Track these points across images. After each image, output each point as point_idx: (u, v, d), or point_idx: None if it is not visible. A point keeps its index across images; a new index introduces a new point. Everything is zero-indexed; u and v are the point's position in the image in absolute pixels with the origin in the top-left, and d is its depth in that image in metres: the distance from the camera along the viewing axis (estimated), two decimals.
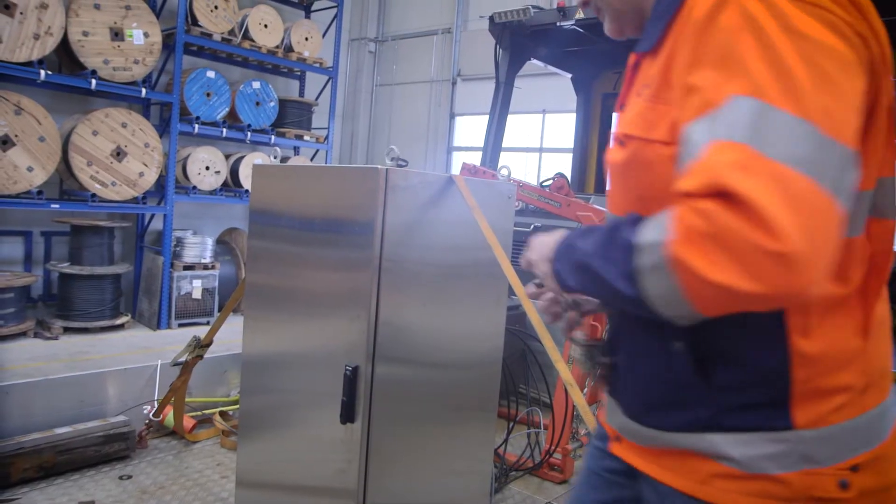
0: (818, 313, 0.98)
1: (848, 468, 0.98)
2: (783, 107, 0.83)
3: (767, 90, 0.84)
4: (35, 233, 5.84)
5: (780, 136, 0.82)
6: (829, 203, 0.82)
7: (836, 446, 0.98)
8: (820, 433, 0.98)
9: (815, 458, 0.97)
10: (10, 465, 3.20)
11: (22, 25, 4.89)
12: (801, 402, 0.98)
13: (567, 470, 3.75)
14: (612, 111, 7.03)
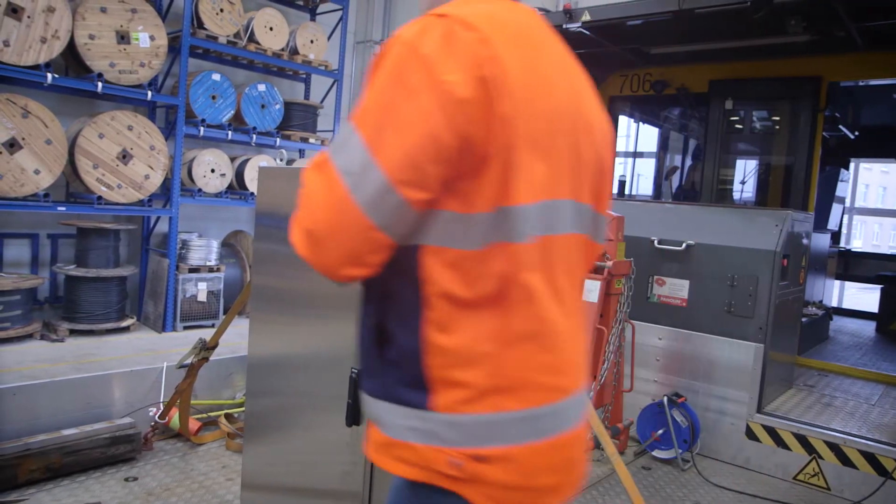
0: (451, 313, 1.12)
1: (470, 455, 1.11)
2: (359, 132, 1.09)
3: (359, 118, 1.10)
4: (42, 235, 5.86)
5: (347, 152, 1.09)
6: (355, 210, 1.07)
7: (460, 433, 1.12)
8: (448, 418, 1.12)
9: (441, 437, 1.12)
10: (18, 466, 3.20)
11: (29, 29, 4.91)
12: (436, 387, 1.13)
13: None
14: (619, 113, 7.02)
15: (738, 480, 4.01)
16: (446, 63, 1.05)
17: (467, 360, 1.13)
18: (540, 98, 1.13)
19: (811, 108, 5.76)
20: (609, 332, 3.95)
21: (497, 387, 1.13)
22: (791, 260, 4.47)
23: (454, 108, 1.05)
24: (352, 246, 1.09)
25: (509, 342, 1.13)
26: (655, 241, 4.60)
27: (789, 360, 4.89)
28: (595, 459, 4.12)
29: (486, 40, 1.07)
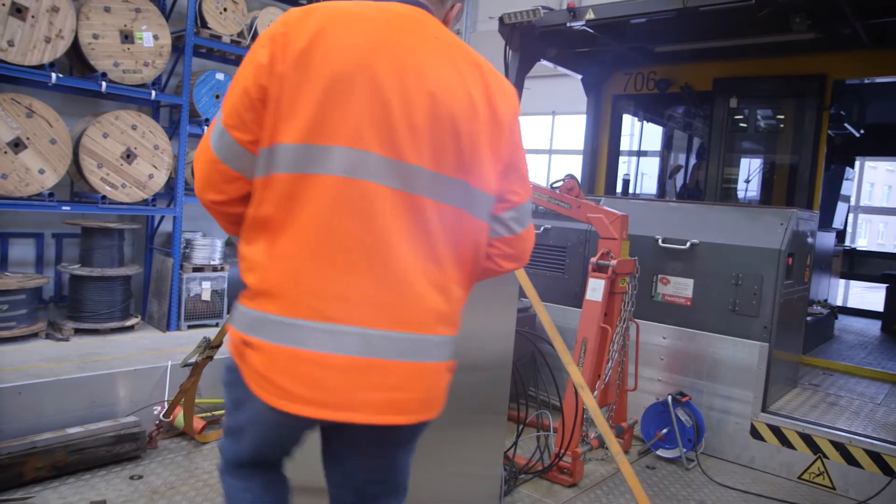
0: (250, 229, 1.52)
1: (244, 339, 1.48)
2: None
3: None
4: (46, 235, 5.87)
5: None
6: (207, 149, 1.53)
7: (242, 321, 1.50)
8: (241, 308, 1.52)
9: (237, 322, 1.52)
10: (24, 464, 3.21)
11: (33, 29, 4.92)
12: (243, 285, 1.54)
13: (577, 473, 3.73)
14: (622, 112, 7.01)
15: (743, 479, 4.00)
16: (262, 42, 1.47)
17: (251, 267, 1.50)
18: (325, 64, 1.42)
19: (816, 106, 5.73)
20: (613, 331, 3.94)
21: (264, 291, 1.46)
22: (796, 259, 4.46)
23: (256, 70, 1.45)
24: (207, 175, 1.54)
25: (274, 259, 1.46)
26: (660, 240, 4.59)
27: (794, 359, 4.88)
28: (599, 459, 4.12)
29: (285, 23, 1.46)
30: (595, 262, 3.91)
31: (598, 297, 3.86)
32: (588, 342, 3.84)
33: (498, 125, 1.58)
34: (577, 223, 4.67)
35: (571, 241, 5.04)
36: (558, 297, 4.95)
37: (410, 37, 1.50)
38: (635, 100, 6.96)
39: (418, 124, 1.45)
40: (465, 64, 1.57)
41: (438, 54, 1.53)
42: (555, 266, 5.13)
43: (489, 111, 1.56)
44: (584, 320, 3.89)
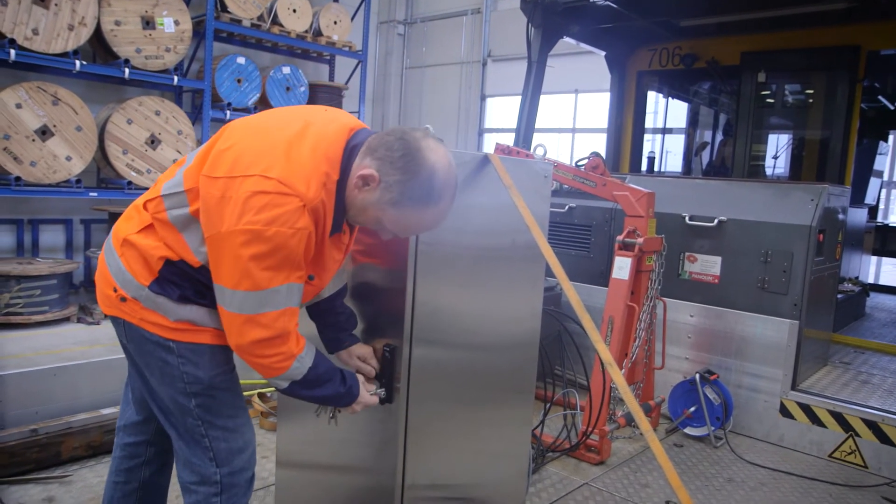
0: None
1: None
2: None
3: None
4: (75, 221, 5.97)
5: None
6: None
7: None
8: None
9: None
10: (61, 444, 3.29)
11: (57, 17, 4.96)
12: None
13: (604, 451, 3.73)
14: (647, 89, 6.90)
15: (772, 458, 3.96)
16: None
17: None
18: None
19: (849, 78, 5.58)
20: (640, 310, 3.90)
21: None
22: (827, 235, 4.37)
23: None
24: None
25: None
26: (686, 218, 4.52)
27: (824, 336, 4.80)
28: (626, 437, 4.11)
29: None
30: (621, 240, 3.87)
31: (624, 276, 3.83)
32: (615, 321, 3.81)
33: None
34: (602, 201, 4.62)
35: (596, 219, 4.99)
36: (584, 276, 4.92)
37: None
38: (660, 76, 6.83)
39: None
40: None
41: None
42: (580, 245, 5.09)
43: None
44: (610, 299, 3.86)
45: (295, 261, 1.64)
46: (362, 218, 1.77)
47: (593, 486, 3.46)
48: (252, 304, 1.63)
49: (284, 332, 1.69)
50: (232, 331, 1.68)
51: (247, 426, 1.96)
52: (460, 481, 2.51)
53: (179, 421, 1.87)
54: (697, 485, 3.55)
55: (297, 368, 1.77)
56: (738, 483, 3.61)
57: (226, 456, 1.89)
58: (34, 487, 3.09)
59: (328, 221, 1.71)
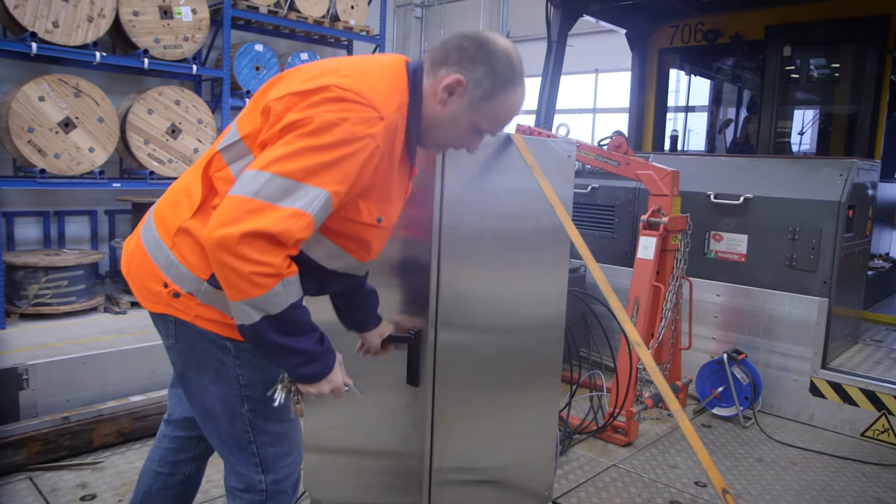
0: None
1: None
2: None
3: None
4: (99, 211, 6.03)
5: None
6: None
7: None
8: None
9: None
10: (92, 431, 3.35)
11: (76, 9, 4.98)
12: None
13: (631, 433, 3.70)
14: (669, 66, 6.78)
15: (803, 437, 3.91)
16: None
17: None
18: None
19: (878, 49, 5.42)
20: (666, 289, 3.86)
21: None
22: (857, 211, 4.28)
23: None
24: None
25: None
26: (712, 196, 4.45)
27: (855, 314, 4.72)
28: (653, 418, 4.08)
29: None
30: (646, 219, 3.82)
31: (649, 256, 3.78)
32: (640, 301, 3.77)
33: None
34: (625, 181, 4.57)
35: (620, 199, 4.93)
36: (607, 256, 4.87)
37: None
38: (682, 53, 6.70)
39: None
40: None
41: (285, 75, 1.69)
42: (604, 225, 5.03)
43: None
44: (635, 279, 3.82)
45: (346, 171, 1.46)
46: (454, 134, 1.70)
47: (621, 468, 3.44)
48: (273, 190, 1.41)
49: (285, 239, 1.41)
50: (227, 217, 1.40)
51: (295, 428, 1.84)
52: (488, 464, 2.51)
53: (225, 426, 1.74)
54: (727, 465, 3.51)
55: (279, 295, 1.45)
56: (769, 463, 3.57)
57: (272, 461, 1.77)
58: (68, 474, 3.15)
59: (398, 146, 1.63)
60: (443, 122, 1.68)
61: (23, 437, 3.15)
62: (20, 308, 4.65)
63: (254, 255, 1.39)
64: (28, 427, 3.21)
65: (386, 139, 1.54)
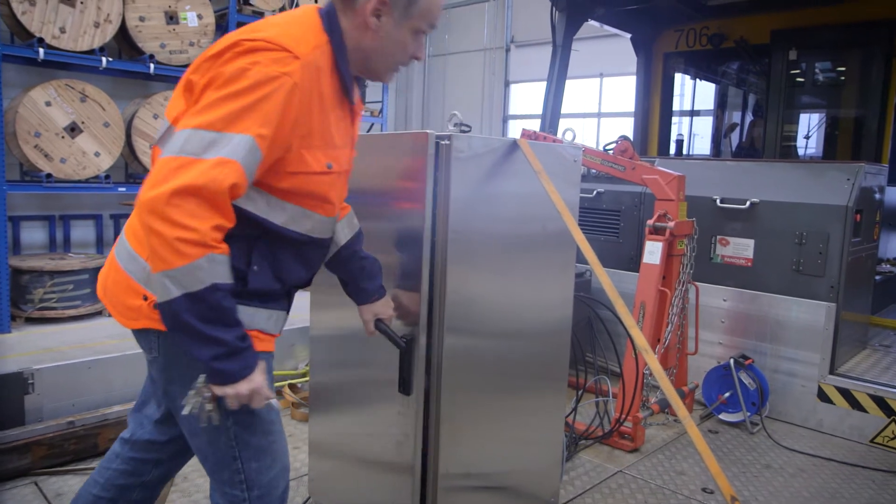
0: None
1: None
2: None
3: None
4: (105, 216, 6.04)
5: None
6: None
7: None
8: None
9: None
10: (97, 436, 3.35)
11: (83, 15, 5.00)
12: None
13: (638, 438, 3.68)
14: (674, 71, 6.77)
15: (811, 443, 3.88)
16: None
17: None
18: None
19: (885, 53, 5.41)
20: (672, 294, 3.84)
21: None
22: (864, 215, 4.26)
23: None
24: None
25: None
26: (718, 200, 4.43)
27: (863, 319, 4.68)
28: (660, 423, 4.05)
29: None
30: (652, 224, 3.80)
31: (655, 260, 3.76)
32: (647, 306, 3.75)
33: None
34: (631, 186, 4.55)
35: (625, 203, 4.91)
36: (613, 261, 4.85)
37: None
38: (687, 57, 6.70)
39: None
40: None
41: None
42: (609, 230, 5.02)
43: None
44: (641, 284, 3.80)
45: (266, 112, 1.44)
46: (398, 50, 1.68)
47: (628, 474, 3.42)
48: (196, 144, 1.40)
49: (214, 190, 1.38)
50: (155, 179, 1.38)
51: (280, 441, 1.77)
52: (494, 470, 2.50)
53: (210, 441, 1.68)
54: (734, 471, 3.49)
55: (201, 269, 1.39)
56: (777, 469, 3.55)
57: (256, 476, 1.71)
58: (73, 478, 3.14)
59: (327, 87, 1.59)
60: (384, 46, 1.66)
61: (28, 441, 3.15)
62: (26, 312, 4.65)
63: (180, 218, 1.36)
64: (33, 431, 3.21)
65: (306, 79, 1.51)
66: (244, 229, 1.57)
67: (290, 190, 1.61)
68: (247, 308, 1.62)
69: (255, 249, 1.62)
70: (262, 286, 1.65)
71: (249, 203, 1.57)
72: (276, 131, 1.47)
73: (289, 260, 1.69)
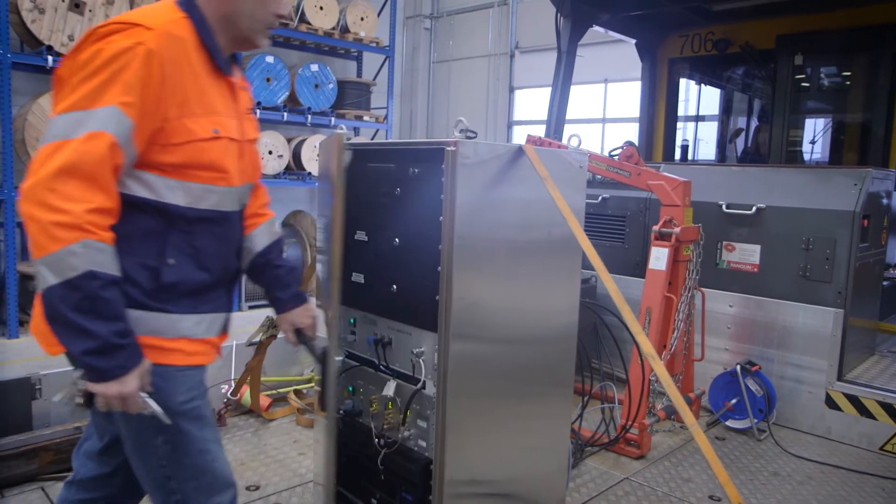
0: None
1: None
2: None
3: None
4: None
5: None
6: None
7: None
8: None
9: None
10: None
11: (91, 23, 5.03)
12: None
13: (644, 445, 3.67)
14: (679, 76, 6.77)
15: (820, 451, 3.86)
16: None
17: None
18: None
19: (891, 57, 5.40)
20: (678, 300, 3.83)
21: None
22: (871, 220, 4.24)
23: None
24: None
25: None
26: (723, 206, 4.42)
27: (871, 325, 4.66)
28: (666, 430, 4.04)
29: None
30: (658, 230, 3.79)
31: (661, 266, 3.75)
32: (652, 312, 3.74)
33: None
34: (636, 191, 4.55)
35: (631, 209, 4.91)
36: (618, 267, 4.84)
37: None
38: (692, 62, 6.70)
39: None
40: None
41: None
42: (614, 236, 5.01)
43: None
44: (647, 290, 3.79)
45: (126, 80, 1.45)
46: (257, 10, 1.70)
47: (634, 481, 3.41)
48: (64, 126, 1.42)
49: (88, 164, 1.39)
50: (34, 167, 1.40)
51: (219, 459, 1.70)
52: (500, 476, 2.49)
53: (142, 460, 1.64)
54: (742, 479, 3.47)
55: (74, 255, 1.37)
56: (785, 477, 3.52)
57: (196, 496, 1.65)
58: None
59: (194, 57, 1.59)
60: (241, 7, 1.67)
61: (35, 446, 3.15)
62: None
63: (56, 202, 1.37)
64: (40, 437, 3.22)
65: (165, 46, 1.51)
66: (150, 223, 1.56)
67: (183, 164, 1.58)
68: (169, 315, 1.59)
69: (169, 242, 1.59)
70: (183, 279, 1.61)
71: (147, 190, 1.56)
72: (141, 98, 1.47)
73: (208, 245, 1.67)
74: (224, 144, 1.65)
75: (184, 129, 1.56)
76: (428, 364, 2.22)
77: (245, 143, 1.78)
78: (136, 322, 1.52)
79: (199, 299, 1.67)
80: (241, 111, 1.79)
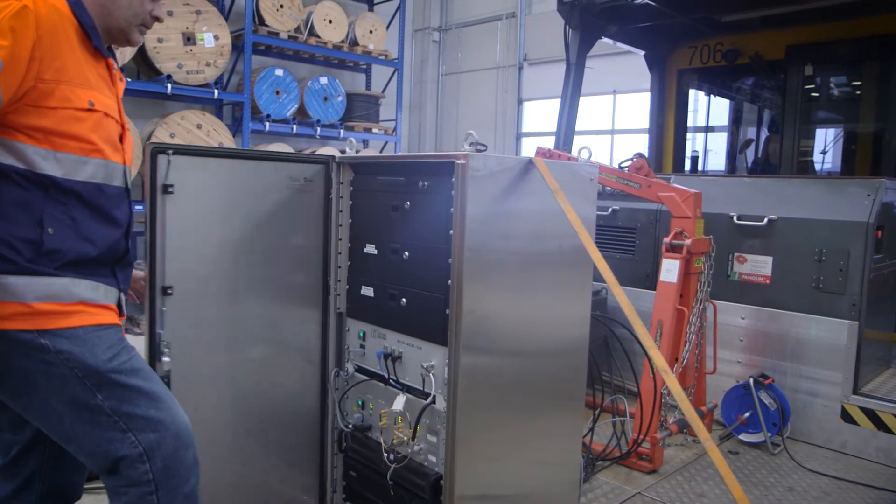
0: None
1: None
2: None
3: None
4: None
5: None
6: None
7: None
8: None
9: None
10: None
11: None
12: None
13: (656, 459, 3.62)
14: (688, 87, 6.75)
15: (836, 465, 3.79)
16: None
17: None
18: None
19: None
20: (689, 313, 3.79)
21: None
22: (886, 231, 4.19)
23: None
24: None
25: None
26: (735, 217, 4.39)
27: (886, 337, 4.60)
28: (678, 444, 3.99)
29: None
30: (668, 241, 3.76)
31: (672, 279, 3.72)
32: (664, 324, 3.71)
33: None
34: (646, 203, 4.52)
35: (641, 221, 4.88)
36: (629, 279, 4.80)
37: None
38: (701, 73, 6.68)
39: None
40: None
41: None
42: (625, 248, 4.98)
43: None
44: (658, 302, 3.76)
45: (1, 27, 1.48)
46: (133, 4, 1.76)
47: (646, 496, 3.36)
48: None
49: None
50: None
51: (172, 408, 1.71)
52: (510, 491, 2.46)
53: (90, 431, 1.62)
54: (756, 494, 3.41)
55: None
56: (800, 492, 3.47)
57: (157, 446, 1.65)
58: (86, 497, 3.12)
59: (72, 34, 1.63)
60: (127, 6, 1.74)
61: None
62: None
63: None
64: None
65: (43, 11, 1.55)
66: (23, 193, 1.57)
67: (54, 130, 1.60)
68: (60, 279, 1.60)
69: (45, 212, 1.60)
70: (65, 247, 1.61)
71: (17, 159, 1.57)
72: (13, 44, 1.50)
73: (87, 219, 1.67)
74: (98, 118, 1.68)
75: (59, 94, 1.60)
76: (438, 378, 2.21)
77: (125, 129, 1.83)
78: (28, 288, 1.54)
79: (87, 270, 1.67)
80: (118, 95, 1.85)
